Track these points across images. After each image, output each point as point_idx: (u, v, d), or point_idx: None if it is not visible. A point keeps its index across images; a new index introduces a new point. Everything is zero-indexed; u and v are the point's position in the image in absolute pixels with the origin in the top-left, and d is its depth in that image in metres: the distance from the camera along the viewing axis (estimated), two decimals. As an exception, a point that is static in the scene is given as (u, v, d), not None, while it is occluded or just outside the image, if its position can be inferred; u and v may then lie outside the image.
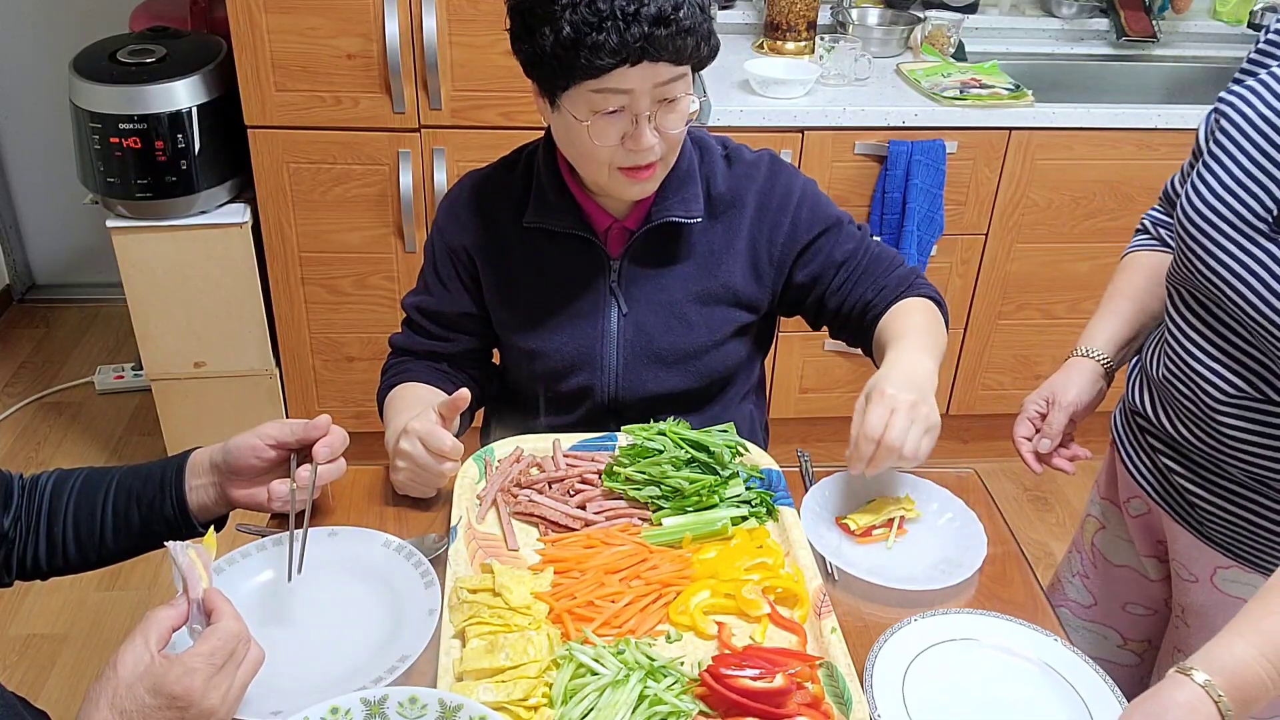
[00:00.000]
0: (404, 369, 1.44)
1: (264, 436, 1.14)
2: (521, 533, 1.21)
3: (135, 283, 2.42)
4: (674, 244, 1.37)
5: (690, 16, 1.15)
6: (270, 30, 2.18)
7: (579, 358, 1.39)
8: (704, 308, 1.38)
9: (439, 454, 1.21)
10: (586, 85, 1.17)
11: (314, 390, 2.61)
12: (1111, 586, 1.47)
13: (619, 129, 1.21)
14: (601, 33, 1.12)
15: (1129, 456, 1.36)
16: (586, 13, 1.12)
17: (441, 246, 1.42)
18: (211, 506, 1.17)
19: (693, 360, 1.40)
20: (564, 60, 1.15)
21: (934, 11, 2.83)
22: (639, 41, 1.13)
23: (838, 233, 1.40)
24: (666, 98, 1.20)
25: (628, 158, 1.23)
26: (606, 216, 1.36)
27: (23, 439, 2.91)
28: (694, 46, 1.18)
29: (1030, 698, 1.05)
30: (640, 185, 1.27)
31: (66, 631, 2.30)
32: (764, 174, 1.39)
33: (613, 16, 1.12)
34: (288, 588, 1.11)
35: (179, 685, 0.86)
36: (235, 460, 1.14)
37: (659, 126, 1.21)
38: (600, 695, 0.96)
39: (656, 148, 1.23)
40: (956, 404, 2.81)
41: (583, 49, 1.13)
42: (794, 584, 1.12)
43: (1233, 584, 1.25)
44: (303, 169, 2.33)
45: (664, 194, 1.33)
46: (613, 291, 1.38)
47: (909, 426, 1.14)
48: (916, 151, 2.38)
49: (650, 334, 1.38)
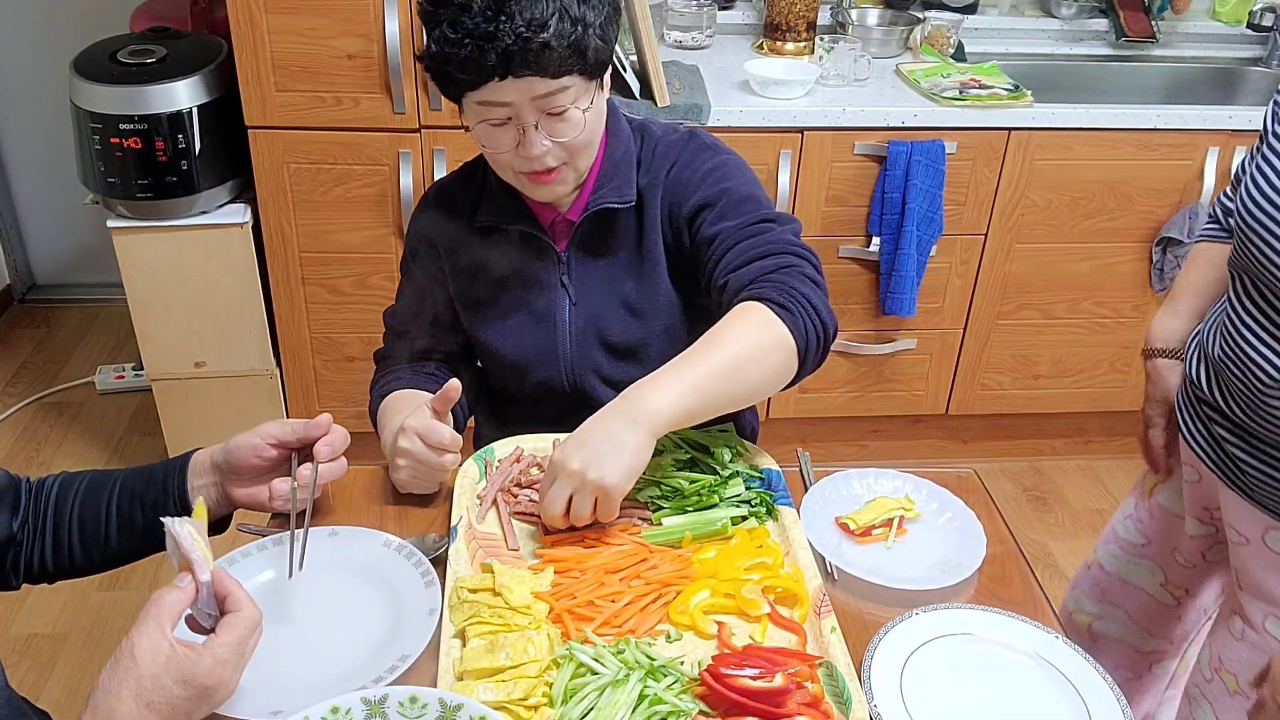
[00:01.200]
0: (394, 378, 1.45)
1: (265, 435, 1.15)
2: (521, 533, 1.21)
3: (136, 283, 2.42)
4: (613, 233, 1.37)
5: (559, 34, 1.14)
6: (270, 30, 2.18)
7: (535, 353, 1.41)
8: (648, 293, 1.38)
9: (438, 447, 1.21)
10: (470, 96, 1.20)
11: (314, 390, 2.61)
12: (1166, 532, 1.59)
13: (510, 137, 1.22)
14: (461, 49, 1.14)
15: (1186, 424, 1.43)
16: (449, 31, 1.15)
17: (412, 251, 1.45)
18: (213, 508, 1.17)
19: (644, 348, 1.39)
20: (439, 75, 1.20)
21: (934, 12, 2.83)
22: (498, 60, 1.14)
23: (721, 206, 1.30)
24: (550, 109, 1.20)
25: (525, 163, 1.24)
26: (550, 210, 1.37)
27: (23, 439, 2.91)
28: (565, 60, 1.16)
29: (1027, 692, 1.05)
30: (546, 189, 1.28)
31: (67, 631, 2.30)
32: (680, 146, 1.37)
33: (471, 35, 1.13)
34: (288, 587, 1.12)
35: (212, 677, 0.87)
36: (236, 459, 1.14)
37: (549, 134, 1.22)
38: (600, 695, 0.97)
39: (550, 156, 1.23)
40: (956, 404, 2.81)
41: (450, 64, 1.17)
42: (794, 584, 1.12)
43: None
44: (303, 169, 2.33)
45: (600, 183, 1.34)
46: (563, 284, 1.39)
47: (570, 494, 1.11)
48: (916, 152, 2.38)
49: (600, 324, 1.39)
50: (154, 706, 0.84)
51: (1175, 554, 1.59)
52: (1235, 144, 2.46)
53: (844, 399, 2.76)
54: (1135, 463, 2.94)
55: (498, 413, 1.54)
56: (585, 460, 1.10)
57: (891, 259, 2.49)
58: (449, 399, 1.23)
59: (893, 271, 2.50)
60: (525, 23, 1.12)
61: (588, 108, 1.23)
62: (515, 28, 1.12)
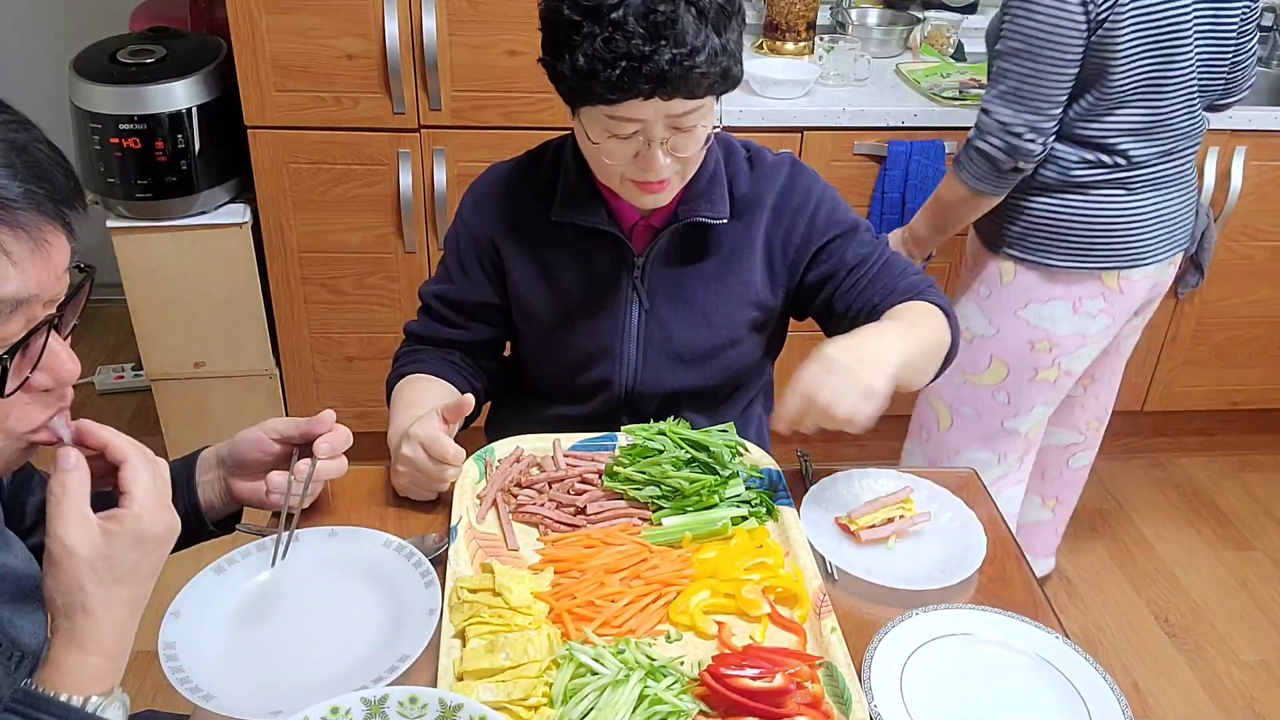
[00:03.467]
0: (416, 358, 1.44)
1: (268, 430, 1.16)
2: (521, 533, 1.21)
3: (135, 283, 2.42)
4: (698, 243, 1.38)
5: (709, 62, 1.15)
6: (270, 30, 2.18)
7: (599, 351, 1.41)
8: (724, 307, 1.39)
9: (440, 460, 1.21)
10: (601, 110, 1.19)
11: (314, 390, 2.61)
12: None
13: (631, 149, 1.22)
14: (615, 69, 1.13)
15: None
16: (603, 48, 1.13)
17: (465, 236, 1.42)
18: (217, 504, 1.18)
19: (710, 359, 1.41)
20: (578, 86, 1.18)
21: (933, 12, 2.83)
22: (650, 81, 1.14)
23: (853, 237, 1.39)
24: (681, 127, 1.21)
25: (639, 173, 1.24)
26: (633, 213, 1.37)
27: (23, 439, 2.90)
28: (710, 85, 1.18)
29: (1027, 692, 1.05)
30: (653, 197, 1.29)
31: (66, 631, 2.30)
32: (784, 175, 1.40)
33: (628, 56, 1.12)
34: (289, 588, 1.12)
35: (156, 525, 0.87)
36: (241, 453, 1.16)
37: (672, 149, 1.23)
38: (600, 695, 0.97)
39: (667, 168, 1.24)
40: (956, 404, 2.81)
41: (596, 81, 1.15)
42: (794, 584, 1.12)
43: None
44: (303, 169, 2.33)
45: (691, 194, 1.34)
46: (635, 287, 1.39)
47: (843, 390, 1.12)
48: (916, 151, 2.38)
49: (670, 331, 1.40)
50: (123, 580, 0.85)
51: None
52: (1235, 144, 2.46)
53: (844, 399, 2.75)
54: (1136, 464, 2.95)
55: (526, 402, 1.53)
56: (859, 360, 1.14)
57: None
58: (461, 412, 1.23)
59: (893, 271, 2.50)
60: (682, 49, 1.13)
61: (710, 124, 1.24)
62: (672, 53, 1.12)
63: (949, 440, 2.09)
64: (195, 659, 1.01)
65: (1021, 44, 1.67)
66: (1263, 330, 2.76)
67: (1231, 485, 2.93)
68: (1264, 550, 2.69)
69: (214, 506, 1.18)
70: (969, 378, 2.01)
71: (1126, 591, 2.55)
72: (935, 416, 2.10)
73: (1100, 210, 1.82)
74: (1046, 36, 1.64)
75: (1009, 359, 1.95)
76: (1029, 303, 1.90)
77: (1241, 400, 2.89)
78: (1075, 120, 1.76)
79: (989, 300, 1.95)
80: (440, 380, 1.41)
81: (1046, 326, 1.91)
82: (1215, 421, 2.99)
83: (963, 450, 2.08)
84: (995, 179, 1.77)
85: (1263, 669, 2.33)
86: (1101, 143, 1.77)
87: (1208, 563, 2.64)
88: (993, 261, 1.94)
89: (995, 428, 2.04)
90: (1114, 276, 1.87)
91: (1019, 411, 2.01)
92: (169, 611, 1.06)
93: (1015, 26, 1.67)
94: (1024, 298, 1.91)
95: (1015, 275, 1.91)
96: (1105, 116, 1.74)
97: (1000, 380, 1.98)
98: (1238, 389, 2.86)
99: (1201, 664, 2.34)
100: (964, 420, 2.05)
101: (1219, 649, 2.38)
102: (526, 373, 1.52)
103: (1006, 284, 1.92)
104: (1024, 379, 1.97)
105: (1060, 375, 1.97)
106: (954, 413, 2.06)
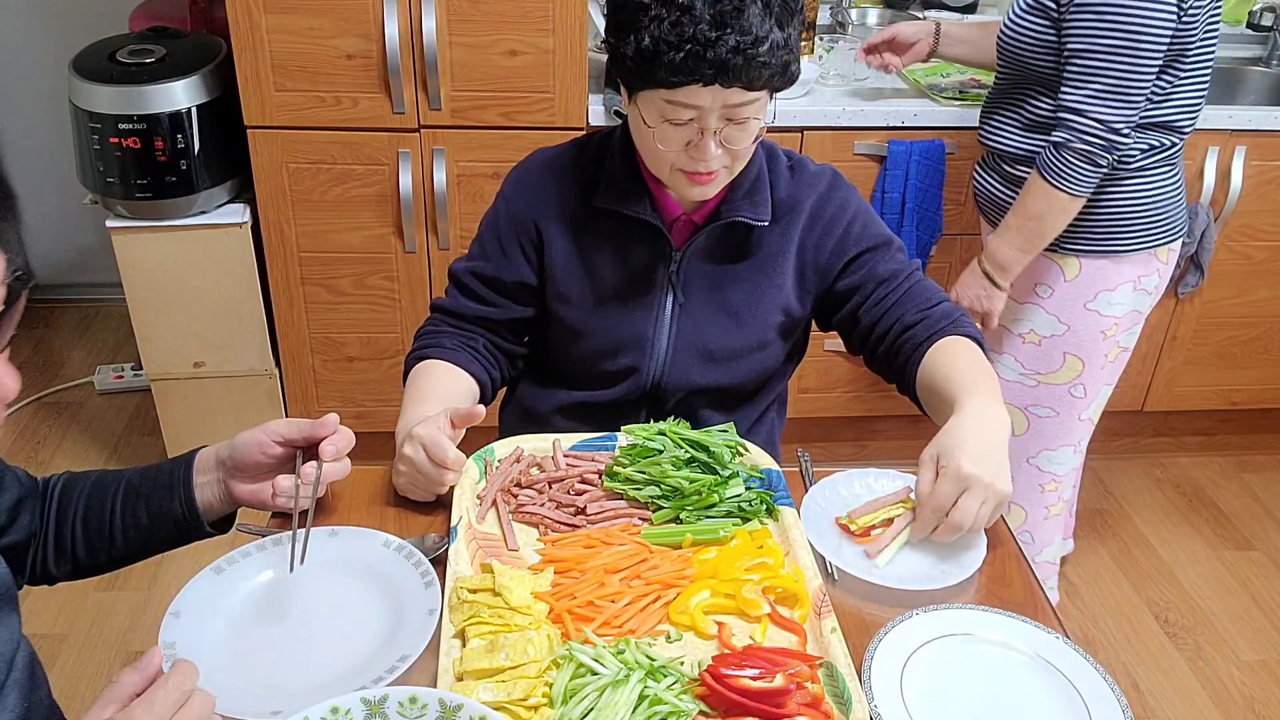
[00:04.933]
0: (437, 340, 1.44)
1: (271, 433, 1.14)
2: (521, 533, 1.21)
3: (135, 283, 2.42)
4: (736, 244, 1.40)
5: (771, 51, 1.17)
6: (270, 30, 2.18)
7: (630, 339, 1.42)
8: (755, 309, 1.41)
9: (440, 464, 1.20)
10: (660, 93, 1.20)
11: (314, 390, 2.61)
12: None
13: (685, 137, 1.24)
14: (680, 52, 1.15)
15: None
16: (669, 30, 1.15)
17: (506, 215, 1.44)
18: (216, 505, 1.17)
19: (737, 359, 1.43)
20: (640, 68, 1.20)
21: (933, 12, 2.83)
22: (713, 67, 1.16)
23: (885, 251, 1.42)
24: (736, 118, 1.22)
25: (690, 163, 1.26)
26: (675, 208, 1.39)
27: (23, 439, 2.91)
28: (769, 77, 1.20)
29: (1027, 692, 1.05)
30: (699, 189, 1.30)
31: (66, 632, 2.30)
32: (825, 185, 1.42)
33: (693, 40, 1.15)
34: (288, 588, 1.12)
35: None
36: (242, 456, 1.14)
37: (724, 140, 1.24)
38: (600, 695, 0.97)
39: (719, 159, 1.26)
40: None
41: (659, 64, 1.17)
42: (794, 584, 1.12)
43: None
44: (302, 169, 2.33)
45: (734, 194, 1.36)
46: (671, 281, 1.41)
47: (979, 507, 1.14)
48: (916, 151, 2.38)
49: (702, 328, 1.42)
50: None
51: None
52: (1235, 144, 2.46)
53: (844, 399, 2.76)
54: (1136, 464, 2.95)
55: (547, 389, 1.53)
56: (994, 472, 1.15)
57: (891, 259, 2.49)
58: (471, 419, 1.22)
59: (892, 271, 2.50)
60: (747, 38, 1.15)
61: (763, 121, 1.26)
62: (737, 40, 1.15)
63: (1026, 445, 2.10)
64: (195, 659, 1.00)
65: (1119, 40, 1.66)
66: (1262, 330, 2.76)
67: (1231, 485, 2.93)
68: (1264, 550, 2.69)
69: (212, 507, 1.17)
70: (1043, 379, 2.02)
71: (1126, 591, 2.55)
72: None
73: (1156, 188, 1.86)
74: (1144, 28, 1.65)
75: (1082, 353, 1.97)
76: (1098, 293, 1.92)
77: (1241, 400, 2.89)
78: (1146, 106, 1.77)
79: (1051, 299, 1.96)
80: (459, 371, 1.41)
81: (1115, 312, 1.94)
82: (1215, 421, 2.99)
83: (1043, 451, 2.10)
84: (1095, 180, 1.76)
85: (1263, 669, 2.33)
86: (1166, 122, 1.80)
87: (1208, 563, 2.64)
88: (1047, 261, 1.94)
89: (1073, 422, 2.06)
90: (1166, 250, 1.92)
91: (1093, 400, 2.05)
92: (169, 612, 1.06)
93: (1108, 23, 1.66)
94: (1093, 289, 1.92)
95: (1081, 269, 1.92)
96: (1172, 97, 1.77)
97: (1076, 375, 2.00)
98: (1237, 389, 2.86)
99: (1201, 664, 2.34)
100: (1041, 421, 2.06)
101: (1219, 649, 2.38)
102: (553, 356, 1.52)
103: (1071, 279, 1.93)
104: (1097, 368, 1.99)
105: (1120, 353, 2.01)
106: (1030, 415, 2.07)
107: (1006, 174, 1.94)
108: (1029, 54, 1.80)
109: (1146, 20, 1.65)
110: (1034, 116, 1.86)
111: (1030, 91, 1.85)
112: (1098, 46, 1.68)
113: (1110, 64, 1.68)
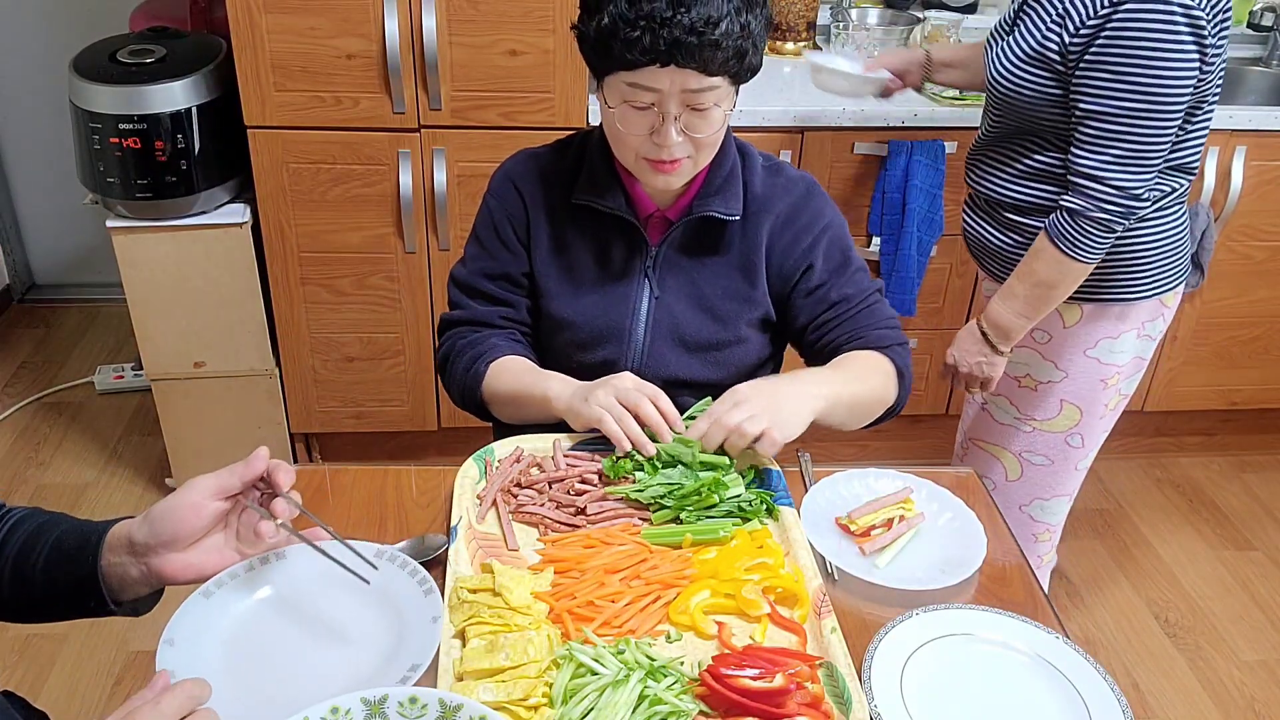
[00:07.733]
0: (487, 344, 1.44)
1: (203, 492, 1.03)
2: (521, 533, 1.21)
3: (135, 283, 2.42)
4: (709, 239, 1.43)
5: (727, 34, 1.20)
6: (270, 30, 2.18)
7: (608, 331, 1.45)
8: (730, 303, 1.44)
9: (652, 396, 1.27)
10: (621, 76, 1.25)
11: (313, 390, 2.61)
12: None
13: (647, 123, 1.27)
14: (636, 30, 1.19)
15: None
16: (626, 8, 1.19)
17: (500, 210, 1.46)
18: (135, 584, 1.04)
19: (714, 351, 1.45)
20: (599, 48, 1.24)
21: (934, 11, 2.83)
22: (668, 44, 1.18)
23: (845, 274, 1.44)
24: (696, 105, 1.25)
25: (654, 150, 1.29)
26: (650, 204, 1.42)
27: (23, 439, 2.91)
28: (724, 61, 1.22)
29: (1027, 692, 1.05)
30: (664, 178, 1.33)
31: (66, 632, 2.30)
32: (801, 191, 1.45)
33: (649, 18, 1.18)
34: (284, 607, 1.08)
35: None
36: (170, 528, 1.02)
37: (686, 128, 1.27)
38: (600, 695, 0.97)
39: (679, 147, 1.28)
40: (956, 404, 2.81)
41: (616, 41, 1.21)
42: (794, 584, 1.12)
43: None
44: (303, 169, 2.33)
45: (707, 190, 1.40)
46: (647, 275, 1.44)
47: (745, 418, 1.21)
48: (916, 151, 2.38)
49: (678, 320, 1.44)
50: None
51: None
52: (1235, 144, 2.46)
53: (844, 399, 2.75)
54: (1136, 464, 2.95)
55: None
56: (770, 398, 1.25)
57: (892, 259, 2.49)
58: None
59: (893, 272, 2.50)
60: (701, 18, 1.18)
61: (726, 110, 1.29)
62: (691, 20, 1.18)
63: (1019, 491, 1.99)
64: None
65: (1139, 101, 1.51)
66: (1262, 330, 2.77)
67: (1231, 485, 2.93)
68: (1264, 550, 2.69)
69: (129, 586, 1.04)
70: (1039, 425, 1.90)
71: (1126, 591, 2.55)
72: (1002, 469, 1.98)
73: (1166, 235, 1.74)
74: (1167, 87, 1.50)
75: (1081, 401, 1.86)
76: (1099, 340, 1.81)
77: (1241, 400, 2.89)
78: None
79: (1049, 345, 1.84)
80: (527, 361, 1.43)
81: (1117, 360, 1.83)
82: (1215, 421, 2.99)
83: (1036, 499, 1.98)
84: (1109, 243, 1.64)
85: (1263, 669, 2.33)
86: (1181, 164, 1.68)
87: (1208, 563, 2.64)
88: None
89: (1069, 472, 1.95)
90: (1171, 295, 1.81)
91: (1091, 451, 1.94)
92: (162, 640, 1.01)
93: (1127, 83, 1.51)
94: (1094, 336, 1.81)
95: (1082, 315, 1.80)
96: (1188, 139, 1.65)
97: (1074, 424, 1.88)
98: (1237, 389, 2.86)
99: (1201, 664, 2.34)
100: (1036, 469, 1.95)
101: (1219, 649, 2.38)
102: (538, 350, 1.54)
103: (1070, 326, 1.81)
104: (1095, 416, 1.88)
105: (1120, 400, 1.91)
106: (1024, 462, 1.95)
107: (1002, 220, 1.79)
108: (1030, 108, 1.65)
109: (1169, 79, 1.49)
110: (1034, 167, 1.70)
111: (1028, 142, 1.70)
112: (1115, 109, 1.53)
113: (1129, 128, 1.53)
